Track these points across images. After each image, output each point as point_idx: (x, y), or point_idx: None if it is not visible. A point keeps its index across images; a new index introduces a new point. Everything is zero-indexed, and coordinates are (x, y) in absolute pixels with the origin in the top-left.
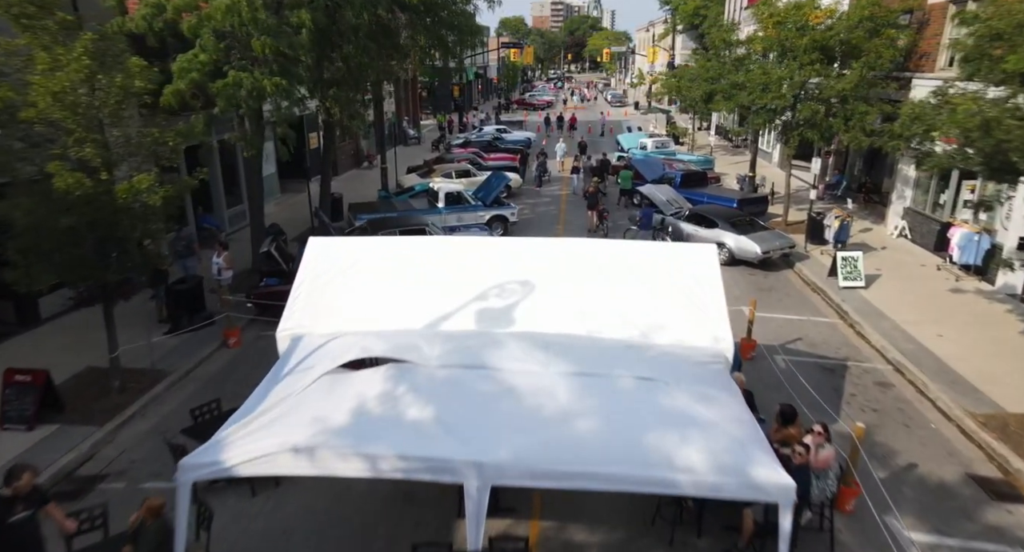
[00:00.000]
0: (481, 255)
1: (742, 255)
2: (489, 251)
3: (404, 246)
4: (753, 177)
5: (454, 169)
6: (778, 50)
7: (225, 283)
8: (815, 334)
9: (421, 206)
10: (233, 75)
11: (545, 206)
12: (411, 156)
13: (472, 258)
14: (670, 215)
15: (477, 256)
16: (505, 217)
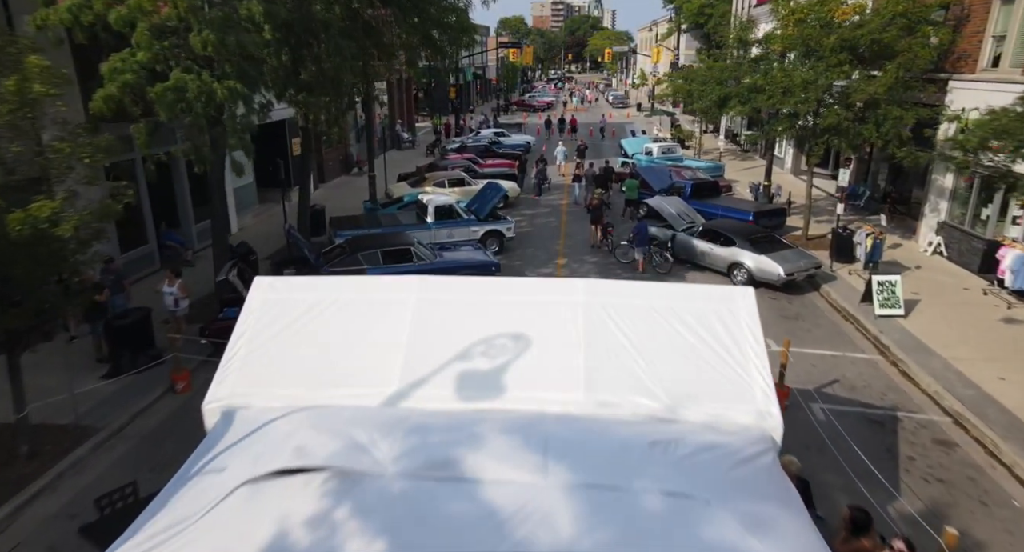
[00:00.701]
0: (464, 300)
1: (763, 277)
2: (474, 294)
3: (372, 287)
4: (768, 186)
5: (447, 178)
6: (800, 50)
7: (182, 314)
8: (854, 375)
9: (410, 220)
10: (176, 77)
11: (544, 217)
12: (404, 161)
13: (453, 304)
14: (681, 231)
15: (459, 301)
16: (501, 232)
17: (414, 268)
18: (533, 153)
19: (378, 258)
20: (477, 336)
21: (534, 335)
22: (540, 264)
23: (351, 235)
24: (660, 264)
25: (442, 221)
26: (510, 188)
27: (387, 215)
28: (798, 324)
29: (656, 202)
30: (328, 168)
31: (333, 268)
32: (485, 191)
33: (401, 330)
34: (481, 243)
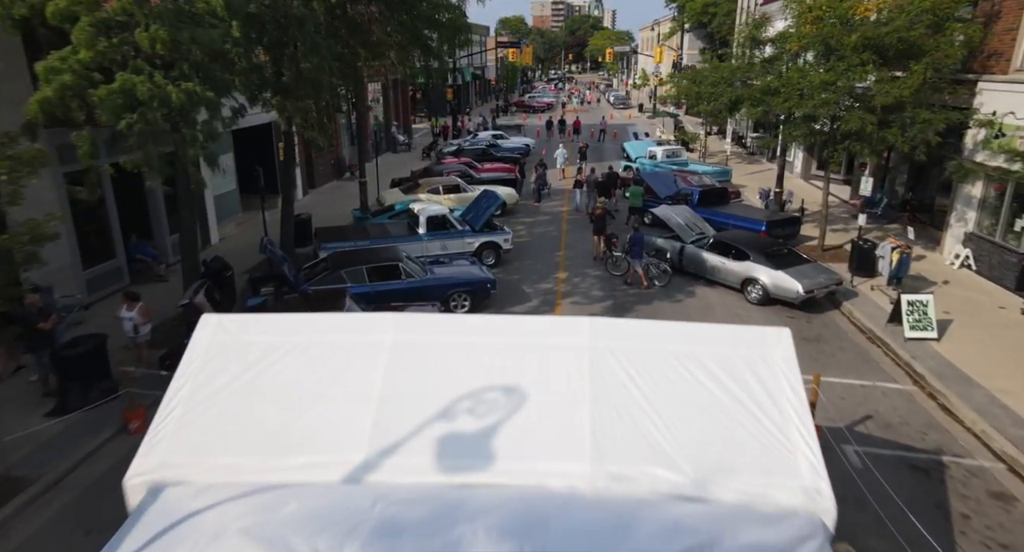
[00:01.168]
0: (447, 343)
1: (779, 294)
2: (459, 335)
3: (339, 327)
4: (780, 193)
5: (442, 184)
6: (819, 49)
7: (143, 341)
8: (888, 409)
9: (400, 231)
10: (122, 79)
11: (544, 226)
12: (400, 164)
13: (434, 348)
14: (690, 243)
15: (442, 344)
16: (498, 244)
17: (402, 286)
18: (533, 156)
19: (363, 275)
20: (463, 389)
21: (531, 388)
22: (539, 278)
23: (337, 248)
24: (658, 276)
25: (435, 232)
26: (507, 195)
27: (376, 225)
28: (820, 348)
29: (663, 211)
30: (319, 173)
31: (314, 286)
32: (481, 200)
33: (372, 381)
34: (477, 255)
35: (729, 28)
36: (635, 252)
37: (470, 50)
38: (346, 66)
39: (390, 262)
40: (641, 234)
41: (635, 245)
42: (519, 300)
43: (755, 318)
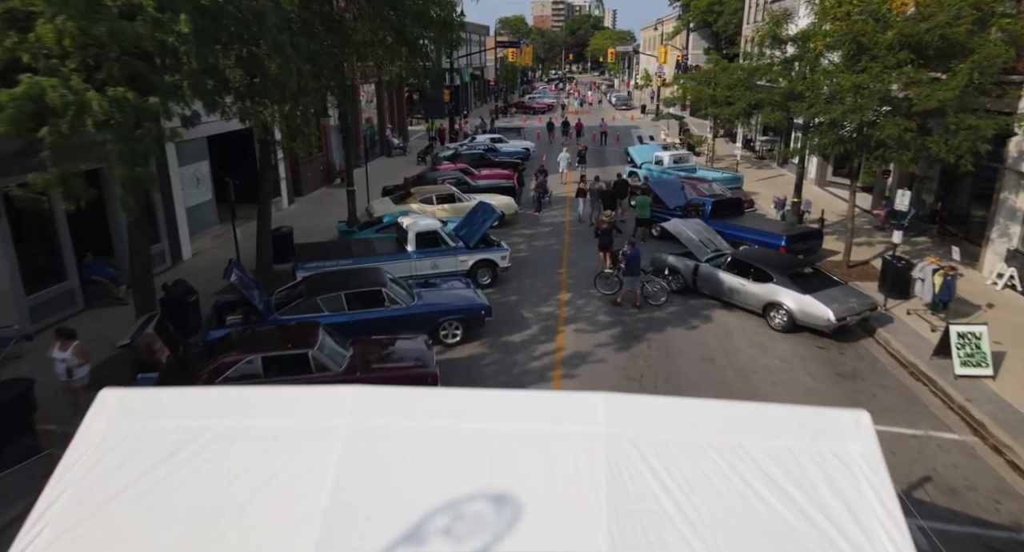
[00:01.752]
0: (420, 428)
1: (808, 321)
2: (436, 418)
3: (281, 406)
4: (798, 203)
5: (435, 193)
6: (849, 48)
7: (79, 385)
8: (948, 467)
9: (388, 247)
10: (28, 83)
11: (544, 239)
12: (393, 169)
13: (403, 436)
14: (705, 261)
15: (413, 431)
16: (494, 262)
17: (386, 314)
18: (533, 160)
19: (342, 303)
20: (438, 498)
21: (528, 496)
22: (539, 300)
23: (316, 269)
24: (654, 295)
25: (425, 250)
26: (505, 205)
27: (361, 241)
28: (858, 386)
29: (674, 226)
30: (306, 180)
31: (285, 316)
32: (476, 213)
33: (318, 487)
34: (471, 274)
35: (736, 27)
36: (631, 269)
37: (468, 50)
38: (324, 67)
39: (373, 287)
40: (637, 250)
41: (631, 262)
42: (517, 327)
43: (779, 347)
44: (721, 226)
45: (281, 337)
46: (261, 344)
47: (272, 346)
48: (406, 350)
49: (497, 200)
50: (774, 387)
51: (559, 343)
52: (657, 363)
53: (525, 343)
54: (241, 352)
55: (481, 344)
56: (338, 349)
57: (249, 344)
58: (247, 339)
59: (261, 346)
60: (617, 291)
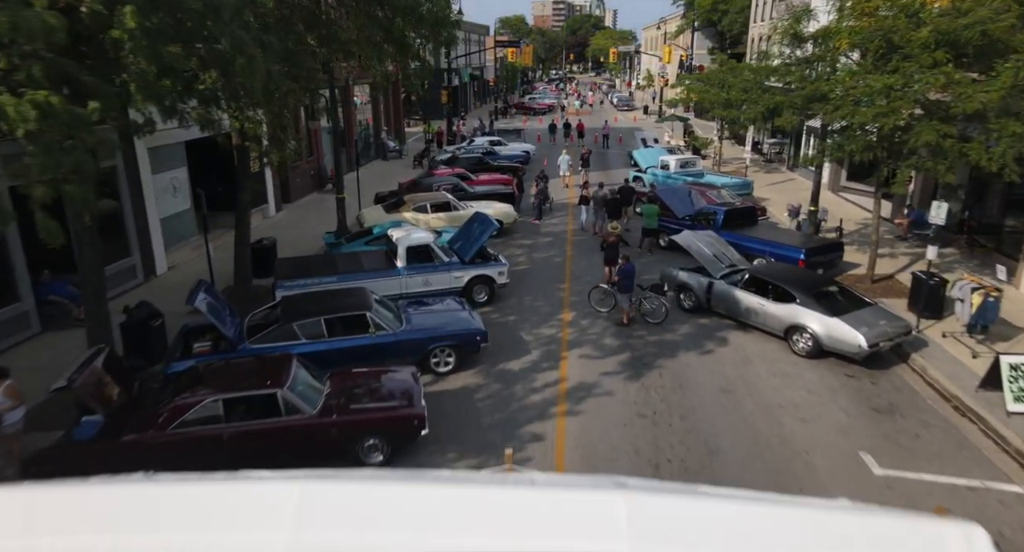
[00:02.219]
0: (382, 546)
1: (836, 347)
2: (401, 529)
3: (199, 510)
4: (815, 212)
5: (429, 201)
6: (878, 46)
7: (11, 431)
8: (1016, 528)
9: (376, 262)
10: None
11: (545, 250)
12: (388, 174)
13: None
14: (720, 278)
15: (373, 549)
16: (491, 278)
17: (370, 342)
18: (533, 163)
19: (321, 329)
20: None
21: None
22: (540, 320)
23: (297, 287)
24: (651, 313)
25: (416, 266)
26: (504, 213)
27: (347, 256)
28: (898, 424)
29: (686, 239)
30: (296, 185)
31: (259, 344)
32: (472, 225)
33: None
34: (466, 292)
35: (741, 26)
36: (625, 285)
37: (468, 49)
38: (301, 67)
39: (356, 312)
40: (632, 266)
41: (625, 278)
42: (515, 351)
43: (805, 376)
44: (734, 237)
45: (248, 373)
46: (224, 382)
47: (237, 385)
48: (391, 386)
49: (495, 208)
50: (803, 425)
51: (562, 372)
52: (671, 396)
53: (525, 371)
54: (200, 392)
55: (476, 372)
56: (313, 385)
57: (211, 381)
58: (210, 375)
59: (224, 384)
60: (612, 307)
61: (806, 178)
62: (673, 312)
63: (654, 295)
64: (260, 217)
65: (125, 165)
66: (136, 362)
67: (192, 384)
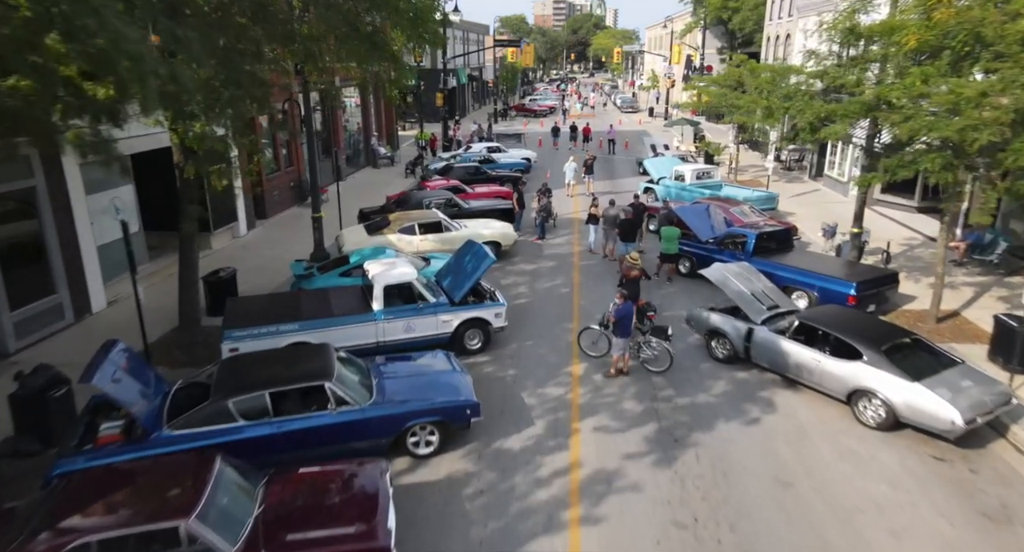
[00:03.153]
0: None
1: (918, 421)
2: None
3: None
4: (860, 234)
5: (418, 221)
6: (962, 44)
7: None
8: None
9: (349, 303)
10: None
11: (549, 277)
12: (378, 184)
13: None
14: (760, 324)
15: None
16: (486, 321)
17: (331, 422)
18: (535, 171)
19: (266, 406)
20: None
21: None
22: (545, 375)
23: (245, 338)
24: (653, 360)
25: (396, 309)
26: (502, 234)
27: (315, 295)
28: (1018, 535)
29: (717, 275)
30: (272, 199)
31: (180, 429)
32: (464, 257)
33: None
34: (456, 339)
35: (754, 25)
36: (620, 329)
37: (466, 49)
38: (237, 70)
39: (312, 382)
40: (629, 307)
41: (622, 319)
42: (515, 421)
43: (881, 460)
44: (767, 266)
45: (147, 490)
46: (112, 505)
47: (127, 514)
48: (349, 496)
49: (493, 229)
50: (896, 542)
51: (574, 453)
52: (713, 491)
53: (527, 452)
54: (74, 525)
55: (465, 455)
56: (239, 502)
57: (92, 504)
58: (96, 489)
59: (110, 509)
60: (606, 353)
61: (832, 188)
62: (700, 359)
63: (656, 340)
64: (229, 236)
65: (48, 184)
66: (29, 446)
67: (65, 506)
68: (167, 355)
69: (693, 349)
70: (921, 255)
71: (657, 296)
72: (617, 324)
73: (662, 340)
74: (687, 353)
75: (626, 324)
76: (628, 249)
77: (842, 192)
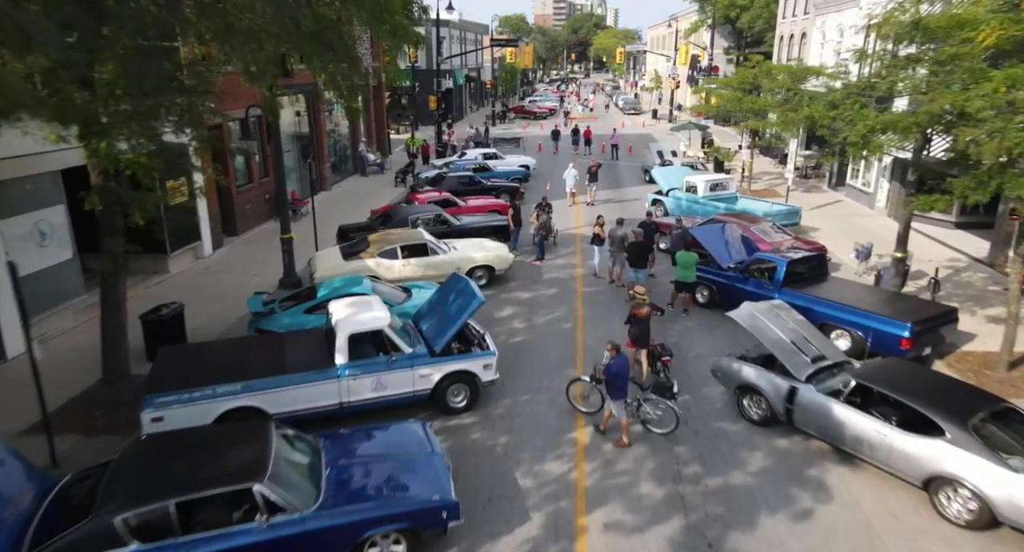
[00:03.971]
0: None
1: (1020, 520)
2: None
3: None
4: (903, 259)
5: (400, 243)
6: None
7: None
8: None
9: (310, 351)
10: None
11: (549, 308)
12: (365, 195)
13: None
14: (806, 381)
15: None
16: (472, 375)
17: (259, 540)
18: (535, 179)
19: (170, 523)
20: None
21: None
22: (544, 444)
23: (171, 405)
24: (655, 420)
25: (363, 362)
26: (496, 257)
27: (267, 342)
28: None
29: (748, 319)
30: (244, 213)
31: None
32: (447, 297)
33: None
34: (439, 394)
35: (764, 23)
36: (615, 389)
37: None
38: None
39: (235, 485)
40: (624, 361)
41: (615, 378)
42: (505, 516)
43: None
44: (801, 299)
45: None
46: None
47: None
48: None
49: (487, 251)
50: None
51: None
52: None
53: None
54: None
55: None
56: None
57: None
58: None
59: None
60: (599, 409)
61: (855, 200)
62: (730, 418)
63: (657, 398)
64: (191, 257)
65: None
66: None
67: None
68: (85, 418)
69: (721, 404)
70: (970, 280)
71: (672, 332)
72: (609, 383)
73: (665, 397)
74: (713, 409)
75: (620, 384)
76: (638, 276)
77: (867, 204)
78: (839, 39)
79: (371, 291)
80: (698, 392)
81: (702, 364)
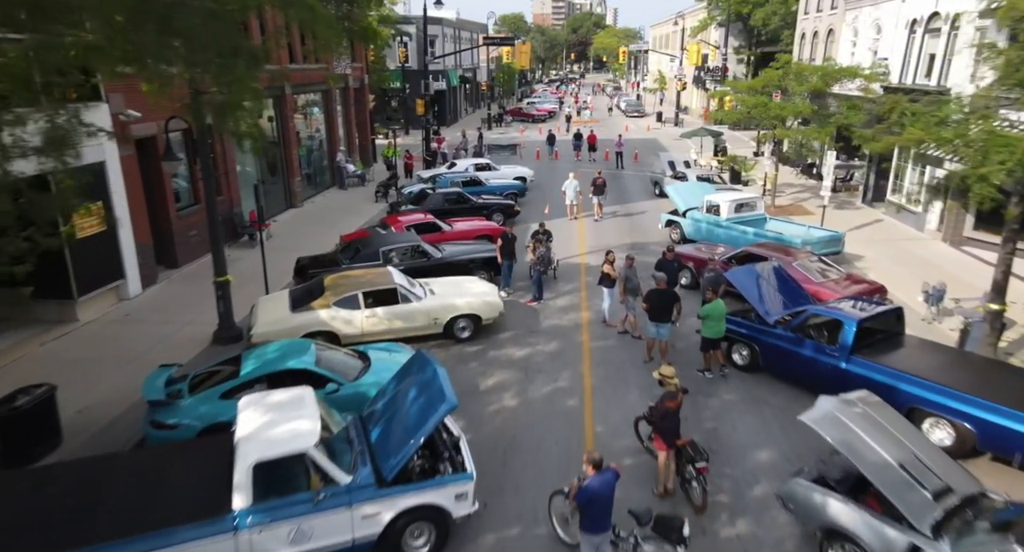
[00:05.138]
0: None
1: None
2: None
3: None
4: (1001, 314)
5: (362, 288)
6: None
7: None
8: None
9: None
10: None
11: (548, 373)
12: (341, 212)
13: None
14: (931, 536)
15: None
16: (441, 510)
17: None
18: (532, 193)
19: None
20: None
21: None
22: None
23: None
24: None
25: (277, 502)
26: (484, 304)
27: (138, 463)
28: None
29: (830, 424)
30: (189, 242)
31: None
32: (410, 393)
33: None
34: (389, 538)
35: (780, 20)
36: (590, 519)
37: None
38: None
39: None
40: (611, 478)
41: (591, 504)
42: None
43: None
44: (878, 372)
45: None
46: None
47: None
48: None
49: (468, 299)
50: None
51: None
52: None
53: None
54: None
55: None
56: None
57: None
58: None
59: None
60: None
61: (898, 219)
62: None
63: (656, 537)
64: (112, 299)
65: None
66: None
67: None
68: None
69: (793, 543)
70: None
71: (707, 412)
72: (584, 512)
73: (665, 538)
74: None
75: (596, 513)
76: (659, 332)
77: (913, 225)
78: (876, 36)
79: (314, 363)
80: (751, 511)
81: (752, 463)
